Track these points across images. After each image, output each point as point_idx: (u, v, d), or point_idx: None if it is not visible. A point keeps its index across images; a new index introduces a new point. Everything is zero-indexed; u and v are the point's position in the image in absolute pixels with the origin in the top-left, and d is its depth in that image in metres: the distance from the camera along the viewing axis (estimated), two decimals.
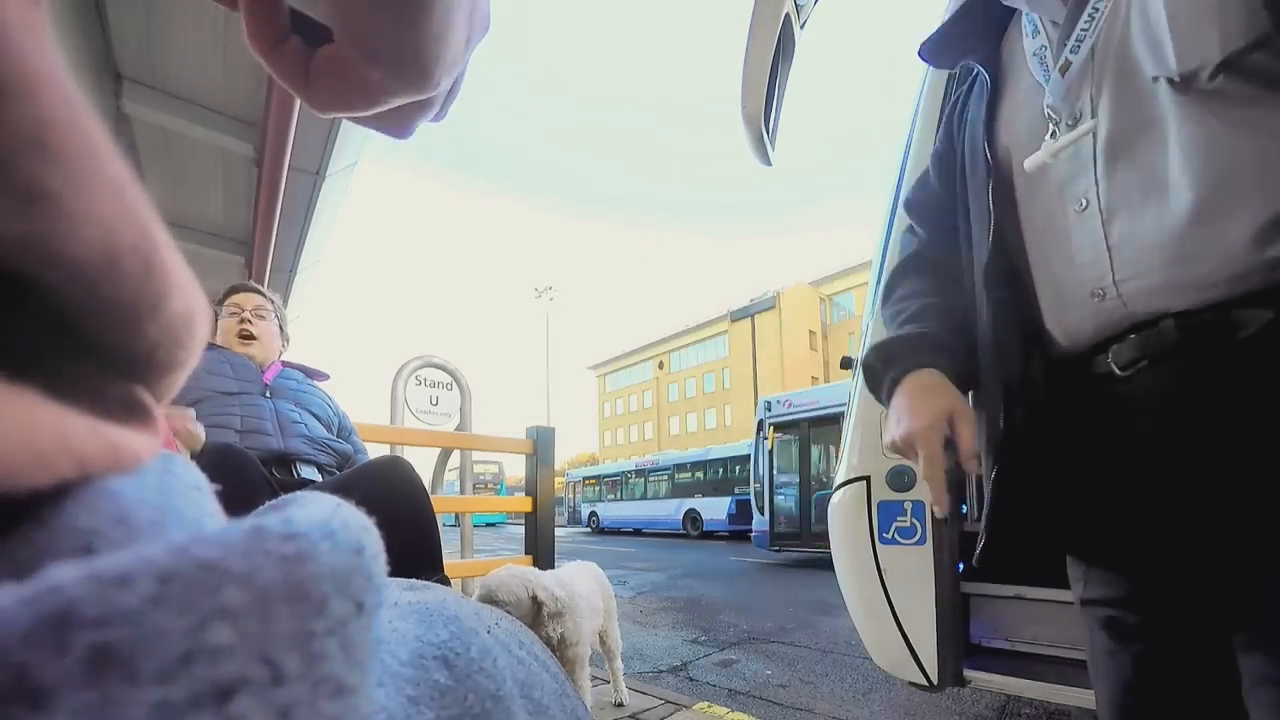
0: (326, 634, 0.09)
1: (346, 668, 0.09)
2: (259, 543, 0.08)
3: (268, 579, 0.08)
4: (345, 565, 0.09)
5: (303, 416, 1.55)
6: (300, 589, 0.08)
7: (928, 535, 1.57)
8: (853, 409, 1.79)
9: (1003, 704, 2.17)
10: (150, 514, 0.10)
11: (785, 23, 1.47)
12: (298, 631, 0.08)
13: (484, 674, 0.16)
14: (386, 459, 1.42)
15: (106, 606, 0.07)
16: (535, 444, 3.11)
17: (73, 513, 0.09)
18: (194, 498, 0.12)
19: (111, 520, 0.09)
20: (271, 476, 1.30)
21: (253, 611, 0.08)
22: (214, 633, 0.07)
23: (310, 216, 3.55)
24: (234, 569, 0.08)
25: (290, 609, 0.08)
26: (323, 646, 0.09)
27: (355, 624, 0.09)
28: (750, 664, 2.99)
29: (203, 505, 0.12)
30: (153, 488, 0.11)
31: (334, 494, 0.57)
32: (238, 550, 0.08)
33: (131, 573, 0.07)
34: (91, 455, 0.10)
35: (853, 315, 35.23)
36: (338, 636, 0.09)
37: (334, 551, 0.09)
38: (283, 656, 0.08)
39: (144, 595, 0.07)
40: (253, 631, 0.08)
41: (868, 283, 1.90)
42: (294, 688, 0.08)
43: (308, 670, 0.08)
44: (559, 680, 0.20)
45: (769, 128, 1.54)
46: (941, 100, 1.74)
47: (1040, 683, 1.46)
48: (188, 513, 0.11)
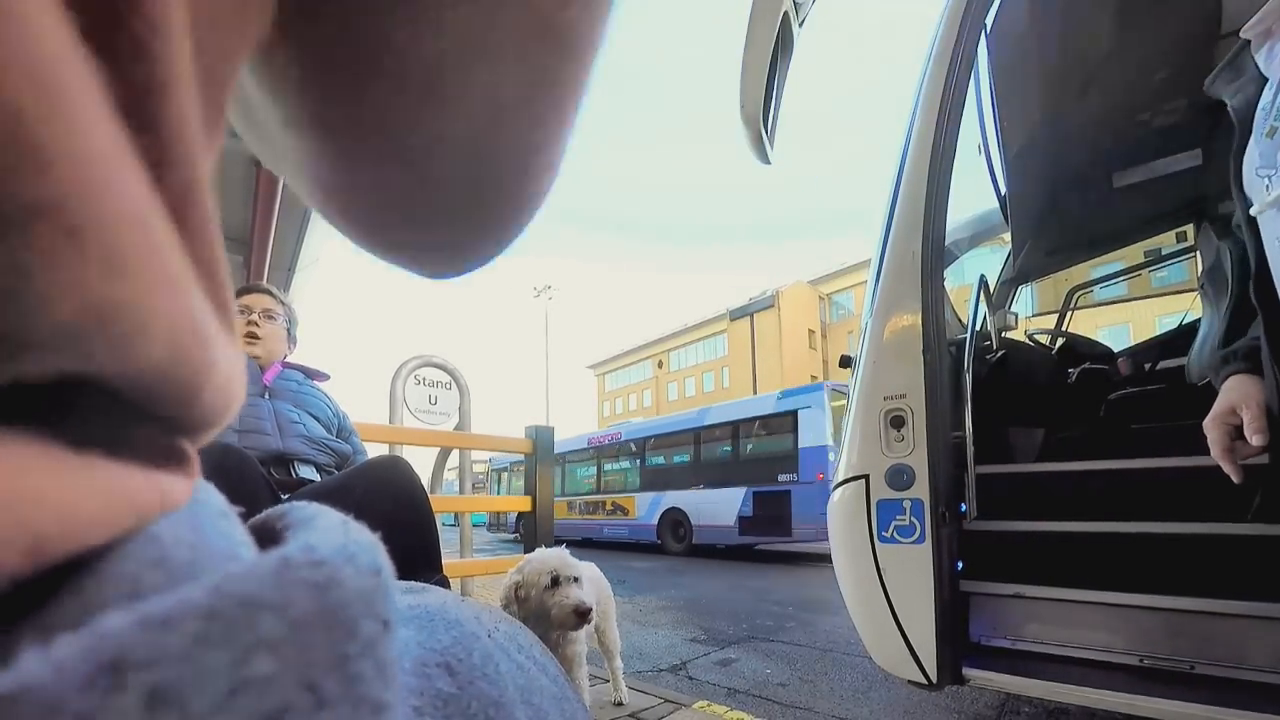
0: (360, 655, 0.09)
1: (381, 686, 0.09)
2: (288, 573, 0.09)
3: (301, 608, 0.09)
4: (368, 586, 0.10)
5: (301, 417, 1.55)
6: (331, 614, 0.09)
7: (927, 534, 1.57)
8: (853, 408, 1.79)
9: (1002, 702, 2.17)
10: (186, 554, 0.10)
11: (784, 21, 1.46)
12: (334, 655, 0.09)
13: (487, 680, 0.16)
14: (385, 458, 1.42)
15: (155, 649, 0.07)
16: (535, 443, 3.11)
17: (118, 559, 0.09)
18: (224, 528, 0.12)
19: (151, 564, 0.10)
20: (270, 476, 1.29)
21: (290, 640, 0.08)
22: (257, 664, 0.08)
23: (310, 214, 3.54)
24: (269, 600, 0.08)
25: (325, 634, 0.09)
26: (358, 668, 0.09)
27: (383, 643, 0.09)
28: (750, 662, 3.00)
29: (232, 534, 0.13)
30: (186, 524, 0.11)
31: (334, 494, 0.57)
32: (270, 582, 0.09)
33: (175, 614, 0.08)
34: (148, 506, 0.10)
35: (852, 314, 35.24)
36: (370, 657, 0.09)
37: (357, 575, 0.10)
38: (323, 680, 0.08)
39: (189, 634, 0.07)
40: (292, 659, 0.08)
41: (867, 282, 1.90)
42: (336, 710, 0.08)
43: (347, 692, 0.09)
44: (558, 684, 0.20)
45: (768, 127, 1.54)
46: (940, 99, 1.74)
47: (1040, 681, 1.46)
48: (220, 546, 0.12)
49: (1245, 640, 1.34)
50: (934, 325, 1.65)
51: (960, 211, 2.28)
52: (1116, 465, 1.72)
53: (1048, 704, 1.99)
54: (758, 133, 1.50)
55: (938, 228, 1.71)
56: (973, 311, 1.99)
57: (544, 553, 1.51)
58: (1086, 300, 3.67)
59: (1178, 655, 1.41)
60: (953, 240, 2.16)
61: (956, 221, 2.18)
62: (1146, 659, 1.45)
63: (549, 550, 1.52)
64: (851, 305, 35.56)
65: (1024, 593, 1.62)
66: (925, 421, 1.61)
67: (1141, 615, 1.47)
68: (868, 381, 1.74)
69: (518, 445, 3.18)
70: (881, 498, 1.65)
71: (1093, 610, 1.53)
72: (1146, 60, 2.27)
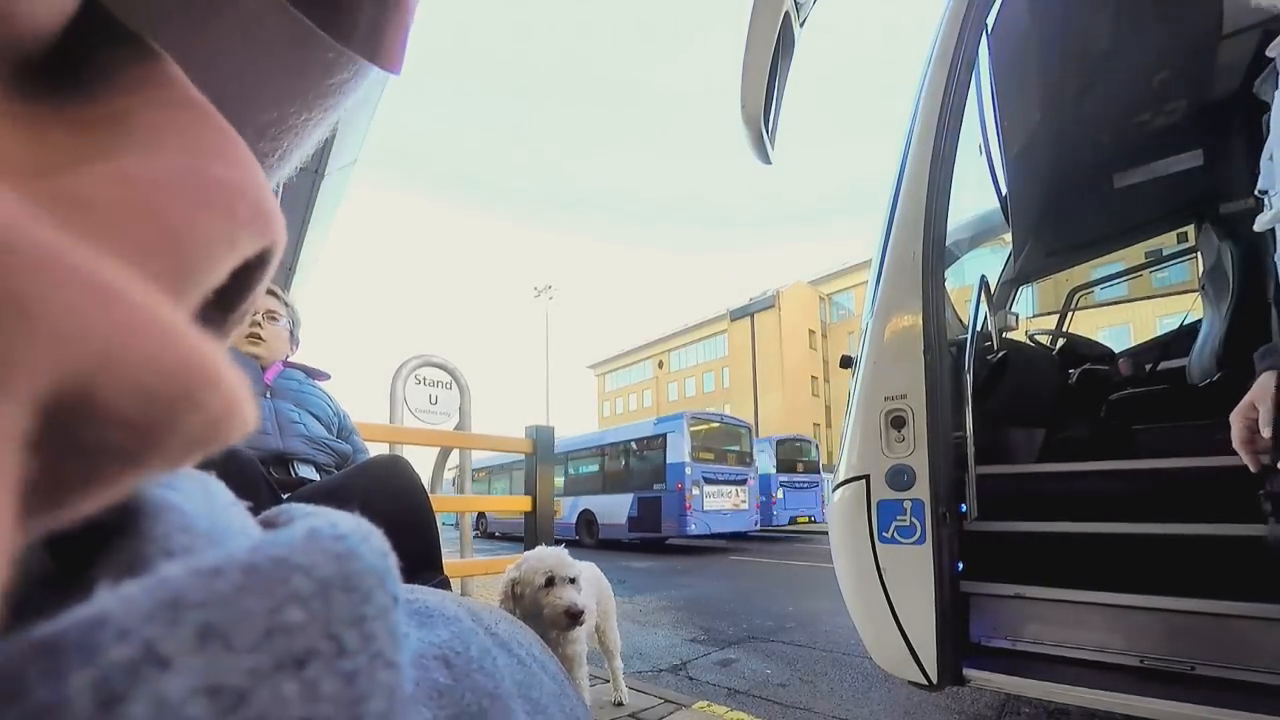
0: (375, 618, 0.10)
1: (393, 647, 0.10)
2: (316, 542, 0.10)
3: (327, 571, 0.10)
4: (381, 564, 0.11)
5: (302, 416, 1.55)
6: (351, 579, 0.10)
7: (927, 534, 1.57)
8: (853, 408, 1.79)
9: (1002, 703, 2.17)
10: (205, 524, 0.12)
11: (785, 21, 1.46)
12: (353, 614, 0.10)
13: (483, 673, 0.16)
14: (386, 458, 1.42)
15: (207, 593, 0.09)
16: (535, 443, 3.12)
17: (153, 523, 0.11)
18: (234, 513, 0.14)
19: (179, 528, 0.11)
20: (269, 476, 1.30)
21: (317, 596, 0.09)
22: (289, 613, 0.09)
23: (309, 214, 3.55)
24: (300, 562, 0.10)
25: (346, 595, 0.10)
26: (374, 628, 0.10)
27: (393, 613, 0.11)
28: (750, 663, 3.00)
29: (243, 519, 0.14)
30: (202, 501, 0.13)
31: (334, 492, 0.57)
32: (300, 547, 0.10)
33: (222, 566, 0.09)
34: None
35: (852, 314, 35.24)
36: (383, 621, 0.10)
37: (372, 552, 0.11)
38: (344, 633, 0.10)
39: (233, 584, 0.09)
40: (318, 612, 0.09)
41: (867, 282, 1.90)
42: (355, 659, 0.10)
43: (364, 645, 0.10)
44: (558, 681, 0.20)
45: (768, 127, 1.54)
46: (941, 99, 1.74)
47: (1040, 682, 1.46)
48: (235, 524, 0.13)
49: (1245, 640, 1.34)
50: (934, 326, 1.65)
51: (961, 212, 2.28)
52: (1116, 466, 1.72)
53: (1048, 704, 1.99)
54: (758, 133, 1.50)
55: (938, 228, 1.71)
56: (973, 312, 1.99)
57: (542, 551, 1.51)
58: (1087, 301, 3.67)
59: (1178, 655, 1.41)
60: (953, 241, 2.17)
61: (957, 222, 2.18)
62: (1146, 659, 1.45)
63: (547, 549, 1.52)
64: (852, 305, 35.55)
65: (1024, 593, 1.61)
66: (926, 422, 1.61)
67: (1141, 615, 1.47)
68: (868, 382, 1.74)
69: (518, 445, 3.18)
70: (882, 498, 1.65)
71: (1093, 610, 1.53)
72: (1147, 61, 2.27)
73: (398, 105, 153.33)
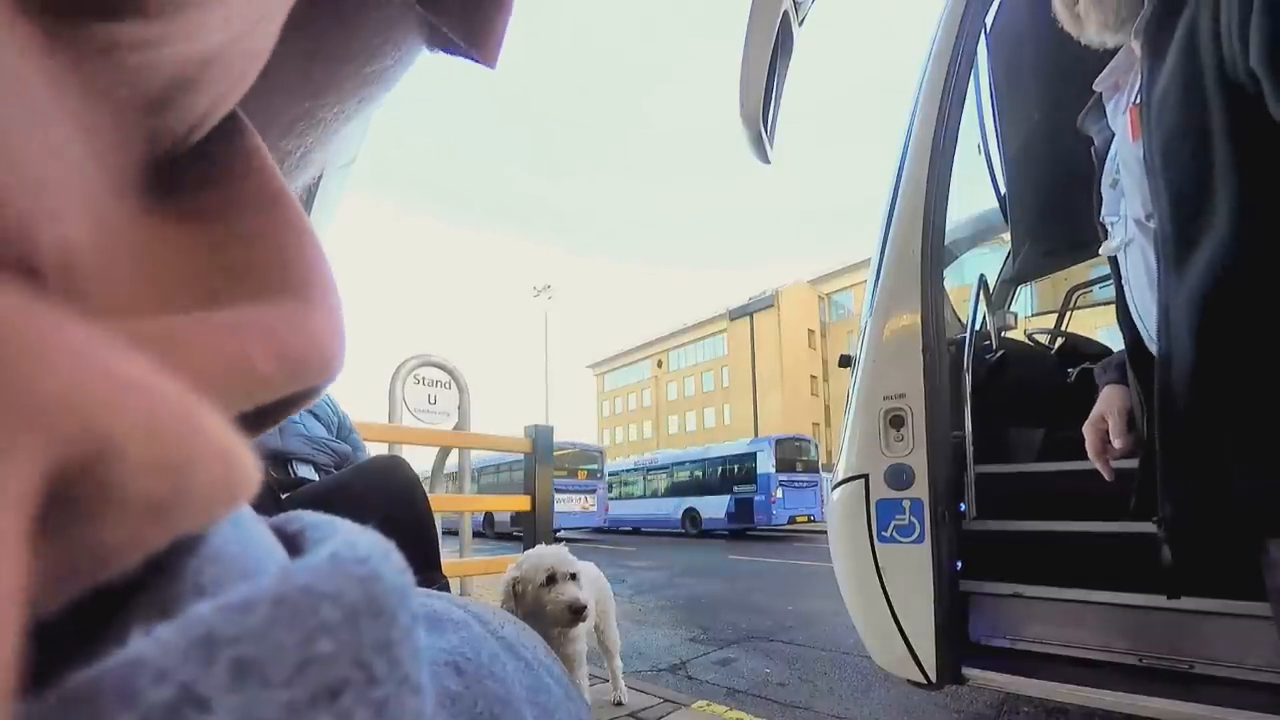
0: (400, 641, 0.10)
1: (418, 670, 0.10)
2: (340, 567, 0.10)
3: (353, 597, 0.10)
4: (402, 583, 0.11)
5: (301, 416, 1.55)
6: (376, 604, 0.10)
7: (926, 534, 1.57)
8: (851, 407, 1.79)
9: (1001, 702, 2.18)
10: (235, 549, 0.12)
11: (783, 20, 1.46)
12: (381, 639, 0.10)
13: (493, 679, 0.16)
14: (385, 458, 1.42)
15: (239, 628, 0.09)
16: (534, 443, 3.11)
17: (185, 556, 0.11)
18: (256, 530, 0.14)
19: (209, 559, 0.11)
20: (268, 476, 1.29)
21: (346, 624, 0.10)
22: (320, 644, 0.09)
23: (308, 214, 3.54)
24: (326, 590, 0.10)
25: (372, 621, 0.10)
26: (400, 652, 0.10)
27: (416, 632, 0.11)
28: (749, 662, 3.00)
29: (262, 534, 0.14)
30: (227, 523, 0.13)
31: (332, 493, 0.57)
32: (325, 575, 0.10)
33: (251, 600, 0.09)
34: None
35: (852, 314, 35.25)
36: (408, 643, 0.10)
37: (393, 571, 0.11)
38: (373, 660, 0.10)
39: (264, 617, 0.09)
40: (348, 641, 0.09)
41: (866, 281, 1.90)
42: (385, 686, 0.10)
43: (392, 671, 0.10)
44: (562, 684, 0.20)
45: (767, 126, 1.54)
46: (940, 98, 1.74)
47: (1039, 681, 1.46)
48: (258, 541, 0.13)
49: (1245, 640, 1.34)
50: (934, 325, 1.65)
51: (959, 211, 2.29)
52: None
53: (1047, 704, 1.99)
54: (757, 132, 1.50)
55: (937, 227, 1.71)
56: (972, 311, 1.99)
57: (542, 549, 1.51)
58: (1086, 300, 3.67)
59: (1178, 655, 1.41)
60: (952, 240, 2.17)
61: (956, 221, 2.18)
62: (1146, 659, 1.45)
63: (547, 547, 1.52)
64: (851, 305, 35.58)
65: (1023, 592, 1.61)
66: (925, 421, 1.61)
67: (1141, 615, 1.47)
68: (867, 381, 1.74)
69: (517, 445, 3.18)
70: (881, 497, 1.65)
71: (1093, 610, 1.53)
72: None
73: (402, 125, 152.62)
